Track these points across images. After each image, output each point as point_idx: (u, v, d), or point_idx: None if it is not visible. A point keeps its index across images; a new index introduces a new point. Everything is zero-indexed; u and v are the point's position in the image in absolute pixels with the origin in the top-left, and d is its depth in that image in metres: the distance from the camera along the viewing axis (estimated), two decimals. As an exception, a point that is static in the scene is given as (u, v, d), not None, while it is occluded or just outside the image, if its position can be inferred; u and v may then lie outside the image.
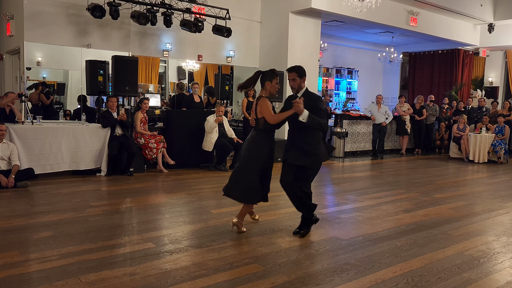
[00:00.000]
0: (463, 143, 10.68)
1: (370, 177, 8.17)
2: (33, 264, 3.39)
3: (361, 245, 4.07)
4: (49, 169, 6.71)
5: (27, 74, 7.92)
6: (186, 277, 3.21)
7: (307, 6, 9.32)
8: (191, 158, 8.18)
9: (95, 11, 7.31)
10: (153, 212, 5.07)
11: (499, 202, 6.13)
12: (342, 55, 15.12)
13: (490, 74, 14.86)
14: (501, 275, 3.47)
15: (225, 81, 9.43)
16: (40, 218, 4.65)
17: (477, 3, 12.26)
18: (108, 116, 7.23)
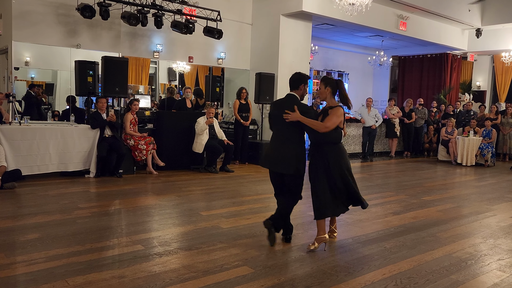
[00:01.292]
0: (451, 146, 10.80)
1: (360, 179, 8.20)
2: (19, 266, 3.34)
3: (350, 247, 4.08)
4: (37, 171, 6.63)
5: (15, 74, 7.82)
6: (175, 280, 3.19)
7: (298, 9, 9.36)
8: (181, 159, 8.14)
9: (85, 11, 7.24)
10: (142, 214, 5.03)
11: (486, 205, 6.21)
12: (333, 58, 15.20)
13: (477, 78, 15.07)
14: (488, 277, 3.51)
15: (216, 83, 9.42)
16: (27, 220, 4.59)
17: (465, 8, 12.42)
18: (97, 117, 7.17)
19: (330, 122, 3.80)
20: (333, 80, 4.04)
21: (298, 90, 4.05)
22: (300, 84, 4.04)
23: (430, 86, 14.70)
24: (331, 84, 3.98)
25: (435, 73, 14.60)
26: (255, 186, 6.95)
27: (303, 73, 4.13)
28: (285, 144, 3.97)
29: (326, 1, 9.41)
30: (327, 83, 4.00)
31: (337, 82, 4.02)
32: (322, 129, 3.81)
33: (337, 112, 3.87)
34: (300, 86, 4.04)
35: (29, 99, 8.69)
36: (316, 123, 3.84)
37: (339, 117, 3.85)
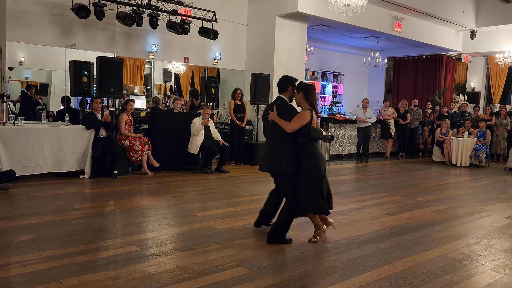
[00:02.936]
0: (445, 147, 10.85)
1: (355, 180, 8.24)
2: (13, 268, 3.32)
3: (345, 248, 4.09)
4: (31, 171, 6.58)
5: (9, 74, 7.78)
6: (170, 281, 3.18)
7: (293, 10, 9.37)
8: (176, 160, 8.13)
9: (80, 11, 7.21)
10: (137, 215, 5.02)
11: (481, 205, 6.24)
12: (328, 59, 15.23)
13: (472, 79, 15.16)
14: (482, 277, 3.53)
15: (212, 84, 9.41)
16: (21, 221, 4.56)
17: (459, 10, 12.50)
18: (92, 118, 7.15)
19: (293, 124, 4.00)
20: (306, 85, 4.22)
21: (287, 92, 4.23)
22: (288, 86, 4.23)
23: (425, 87, 14.77)
24: (303, 89, 4.18)
25: (430, 74, 14.66)
26: (251, 187, 6.95)
27: (290, 76, 4.31)
28: (271, 144, 4.18)
29: (322, 2, 9.43)
30: (299, 88, 4.20)
31: (309, 88, 4.19)
32: (287, 130, 4.02)
33: (301, 114, 4.04)
34: (288, 89, 4.23)
35: (26, 100, 8.64)
36: (284, 123, 4.03)
37: (302, 118, 4.01)
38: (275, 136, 4.13)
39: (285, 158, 4.05)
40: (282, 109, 4.10)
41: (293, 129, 3.99)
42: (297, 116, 4.03)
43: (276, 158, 4.05)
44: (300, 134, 4.03)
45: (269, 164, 4.13)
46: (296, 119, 4.00)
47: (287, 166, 4.05)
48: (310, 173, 4.04)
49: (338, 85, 15.71)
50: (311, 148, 4.10)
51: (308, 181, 4.04)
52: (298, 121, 3.99)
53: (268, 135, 4.27)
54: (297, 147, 4.09)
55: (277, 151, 4.08)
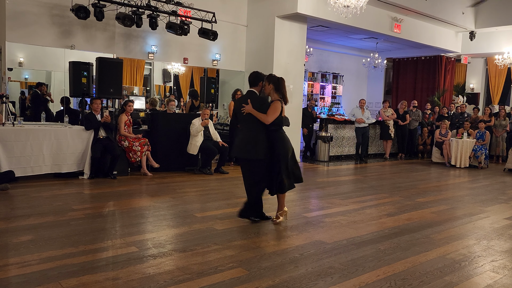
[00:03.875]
0: (445, 148, 10.86)
1: (354, 181, 8.24)
2: (12, 268, 3.32)
3: (345, 248, 4.09)
4: (30, 172, 6.58)
5: (9, 75, 7.78)
6: (169, 282, 3.18)
7: (293, 11, 9.38)
8: (175, 161, 8.12)
9: (79, 12, 7.21)
10: (136, 216, 5.01)
11: (480, 206, 6.24)
12: (328, 60, 15.25)
13: (471, 80, 15.18)
14: (482, 278, 3.53)
15: (211, 84, 9.41)
16: (20, 221, 4.55)
17: (459, 11, 12.52)
18: (91, 118, 7.14)
19: (269, 116, 4.50)
20: (276, 78, 4.66)
21: (257, 86, 4.70)
22: (259, 81, 4.70)
23: (424, 88, 14.78)
24: (273, 82, 4.62)
25: (429, 75, 14.68)
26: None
27: (259, 72, 4.78)
28: (248, 133, 4.62)
29: (321, 3, 9.44)
30: (270, 80, 4.64)
31: (279, 80, 4.64)
32: (265, 121, 4.51)
33: (274, 106, 4.53)
34: (259, 83, 4.70)
35: (37, 99, 8.62)
36: (262, 115, 4.50)
37: (276, 110, 4.51)
38: (251, 126, 4.58)
39: (261, 146, 4.54)
40: (257, 102, 4.57)
41: (271, 120, 4.49)
42: (271, 109, 4.51)
43: (254, 146, 4.53)
44: (273, 123, 4.53)
45: (246, 151, 4.58)
46: (272, 112, 4.50)
47: (262, 152, 4.54)
48: (281, 156, 4.55)
49: (338, 86, 15.72)
50: (281, 135, 4.64)
51: (279, 164, 4.55)
52: (273, 113, 4.50)
53: (243, 126, 4.70)
54: (269, 134, 4.59)
55: (254, 140, 4.55)
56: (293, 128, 10.26)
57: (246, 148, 4.58)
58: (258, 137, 4.55)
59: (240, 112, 4.64)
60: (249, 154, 4.56)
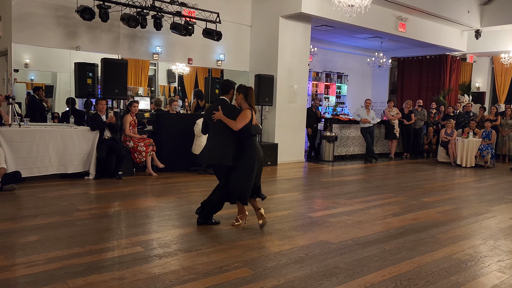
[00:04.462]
0: (450, 148, 10.81)
1: (359, 181, 8.22)
2: (19, 268, 3.34)
3: (350, 248, 4.08)
4: (37, 172, 6.62)
5: (15, 76, 7.83)
6: (175, 281, 3.19)
7: (297, 11, 9.37)
8: (180, 161, 8.14)
9: (85, 13, 7.25)
10: (142, 216, 5.03)
11: (486, 206, 6.21)
12: (332, 59, 15.21)
13: (477, 79, 15.09)
14: (488, 279, 3.51)
15: (215, 85, 9.39)
16: (27, 222, 4.58)
17: (464, 10, 12.45)
18: (97, 119, 7.17)
19: (238, 123, 4.52)
20: (246, 87, 4.73)
21: (228, 94, 4.76)
22: (230, 89, 4.78)
23: (430, 87, 14.72)
24: (243, 91, 4.69)
25: (434, 74, 14.61)
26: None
27: (230, 80, 4.91)
28: (216, 140, 4.66)
29: (325, 3, 9.42)
30: (240, 91, 4.71)
31: (248, 90, 4.71)
32: (234, 128, 4.53)
33: (244, 114, 4.58)
34: (230, 91, 4.78)
35: (33, 103, 8.65)
36: (231, 122, 4.53)
37: (245, 118, 4.55)
38: (220, 133, 4.62)
39: (228, 152, 4.57)
40: (228, 110, 4.60)
41: (239, 127, 4.53)
42: (240, 116, 4.55)
43: (220, 152, 4.58)
44: (243, 130, 4.57)
45: (213, 157, 4.63)
46: (241, 119, 4.54)
47: (228, 159, 4.56)
48: (246, 166, 4.57)
49: (342, 85, 15.69)
50: (251, 143, 4.66)
51: (242, 173, 4.56)
52: (242, 120, 4.53)
53: (212, 132, 4.72)
54: (239, 142, 4.63)
55: (222, 146, 4.59)
56: (297, 128, 10.31)
57: (214, 155, 4.62)
58: (227, 144, 4.59)
59: (211, 120, 4.64)
60: (217, 161, 4.60)
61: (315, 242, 4.25)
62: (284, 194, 6.59)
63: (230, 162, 4.57)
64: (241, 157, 4.59)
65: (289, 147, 10.06)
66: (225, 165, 4.57)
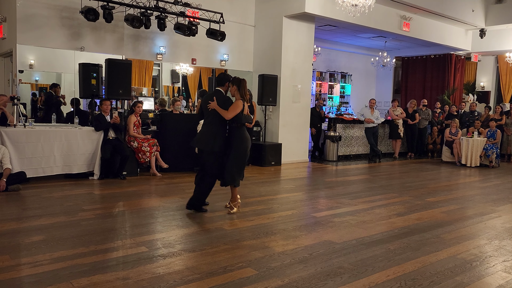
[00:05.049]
0: (455, 147, 10.76)
1: (363, 180, 8.20)
2: (24, 268, 3.36)
3: (354, 248, 4.07)
4: (41, 173, 6.66)
5: (20, 77, 7.87)
6: (179, 281, 3.19)
7: (300, 11, 9.36)
8: (184, 161, 8.15)
9: (89, 14, 7.27)
10: (146, 216, 5.05)
11: (491, 206, 6.18)
12: (336, 59, 15.19)
13: (481, 78, 15.02)
14: (493, 279, 3.49)
15: (219, 85, 9.40)
16: (32, 222, 4.61)
17: (468, 9, 12.39)
18: (101, 119, 7.20)
19: (229, 113, 4.93)
20: (239, 79, 5.09)
21: (224, 86, 5.14)
22: (225, 82, 5.13)
23: (434, 87, 14.67)
24: (237, 83, 5.06)
25: (438, 74, 14.56)
26: (258, 188, 6.95)
27: (227, 73, 5.34)
28: (209, 127, 5.06)
29: (329, 3, 9.41)
30: (233, 82, 5.08)
31: (241, 82, 5.08)
32: (226, 117, 4.95)
33: (235, 104, 4.97)
34: (225, 84, 5.13)
35: (50, 100, 8.68)
36: (223, 112, 4.93)
37: (236, 108, 4.94)
38: (213, 121, 5.02)
39: (219, 140, 4.98)
40: (221, 100, 5.00)
41: (230, 117, 4.92)
42: (232, 106, 4.95)
43: (211, 139, 4.97)
44: (234, 120, 4.97)
45: (204, 143, 5.01)
46: (232, 109, 4.93)
47: (219, 145, 4.98)
48: (238, 152, 5.01)
49: (346, 85, 15.66)
50: (241, 132, 5.06)
51: (235, 159, 5.00)
52: (233, 110, 4.93)
53: (207, 120, 5.12)
54: (230, 130, 5.06)
55: (214, 133, 4.99)
56: (301, 127, 10.30)
57: (204, 140, 5.01)
58: (218, 131, 5.01)
59: (206, 108, 5.05)
60: (206, 146, 4.99)
61: (319, 242, 4.24)
62: (288, 194, 6.59)
63: (218, 148, 4.98)
64: (233, 144, 5.00)
65: (293, 147, 10.05)
66: (215, 151, 4.97)
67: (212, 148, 4.96)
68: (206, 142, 5.00)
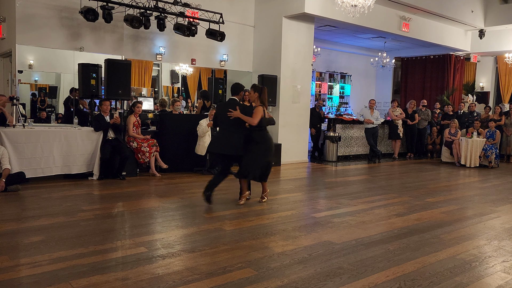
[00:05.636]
0: (454, 148, 10.77)
1: (363, 181, 8.20)
2: (23, 269, 3.35)
3: (354, 249, 4.07)
4: (41, 173, 6.65)
5: (19, 77, 7.86)
6: (178, 282, 3.19)
7: (300, 11, 9.36)
8: (184, 162, 8.15)
9: (88, 14, 7.27)
10: (145, 216, 5.04)
11: (490, 206, 6.18)
12: (335, 59, 15.19)
13: (481, 79, 15.03)
14: (493, 279, 3.49)
15: (219, 85, 9.43)
16: (31, 222, 4.60)
17: (468, 9, 12.40)
18: (100, 120, 7.19)
19: (255, 119, 5.47)
20: (260, 87, 5.64)
21: (238, 95, 5.65)
22: (240, 91, 5.67)
23: (433, 87, 14.67)
24: (258, 91, 5.59)
25: (438, 74, 14.57)
26: (258, 188, 6.92)
27: (240, 83, 5.75)
28: (229, 134, 5.53)
29: (329, 3, 9.41)
30: (255, 90, 5.61)
31: (262, 89, 5.62)
32: (252, 123, 5.47)
33: (257, 110, 5.51)
34: (240, 93, 5.67)
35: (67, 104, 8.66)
36: (249, 119, 5.45)
37: (259, 113, 5.48)
38: (232, 128, 5.49)
39: (240, 144, 5.49)
40: (242, 109, 5.45)
41: (256, 122, 5.45)
42: (256, 113, 5.48)
43: (237, 144, 5.47)
44: (258, 124, 5.47)
45: (232, 149, 5.48)
46: (256, 115, 5.47)
47: (240, 149, 5.50)
48: (262, 153, 5.57)
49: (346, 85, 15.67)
50: (264, 133, 5.64)
51: (261, 158, 5.55)
52: (258, 116, 5.47)
53: (224, 126, 5.64)
54: (254, 133, 5.54)
55: (237, 139, 5.48)
56: (301, 128, 10.30)
57: (230, 146, 5.48)
58: (239, 137, 5.50)
59: (222, 116, 5.54)
60: (235, 151, 5.49)
61: (319, 242, 4.24)
62: (287, 194, 6.58)
63: (241, 152, 5.48)
64: (255, 144, 5.51)
65: (292, 147, 10.05)
66: (238, 154, 5.48)
67: (237, 152, 5.48)
68: (232, 148, 5.47)
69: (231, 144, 5.49)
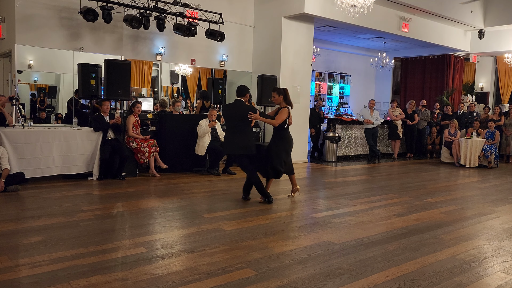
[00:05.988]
0: (454, 148, 10.77)
1: (363, 181, 8.20)
2: (23, 269, 3.35)
3: (353, 249, 4.07)
4: (40, 173, 6.64)
5: (19, 77, 7.86)
6: (178, 282, 3.19)
7: (300, 11, 9.36)
8: (183, 162, 8.15)
9: (88, 14, 7.27)
10: (145, 217, 5.04)
11: (490, 207, 6.18)
12: (335, 60, 15.20)
13: (480, 79, 15.04)
14: (492, 279, 3.49)
15: (218, 85, 9.42)
16: (31, 222, 4.60)
17: (467, 10, 12.40)
18: (100, 120, 7.19)
19: (278, 120, 5.77)
20: (282, 89, 5.93)
21: (245, 97, 5.80)
22: (246, 93, 5.82)
23: (433, 87, 14.68)
24: (283, 93, 5.88)
25: (437, 74, 14.58)
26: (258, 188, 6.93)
27: (246, 86, 5.90)
28: (239, 134, 5.70)
29: (328, 3, 9.42)
30: (279, 92, 5.88)
31: (285, 91, 5.92)
32: (275, 124, 5.79)
33: (283, 111, 5.80)
34: (246, 95, 5.81)
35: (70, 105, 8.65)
36: (271, 120, 5.83)
37: (283, 115, 5.77)
38: (241, 128, 5.69)
39: (252, 144, 5.76)
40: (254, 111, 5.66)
41: (278, 123, 5.75)
42: (281, 114, 5.77)
43: (249, 144, 5.69)
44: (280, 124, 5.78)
45: (245, 149, 5.68)
46: (280, 117, 5.76)
47: (253, 149, 5.75)
48: (283, 151, 5.85)
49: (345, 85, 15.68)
50: (286, 133, 5.89)
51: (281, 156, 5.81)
52: (281, 117, 5.77)
53: (234, 128, 5.74)
54: (277, 132, 5.85)
55: (247, 139, 5.72)
56: (300, 128, 10.30)
57: (244, 146, 5.66)
58: (249, 137, 5.79)
59: (230, 117, 5.77)
60: (248, 151, 5.70)
61: (318, 242, 4.24)
62: (287, 194, 6.59)
63: (254, 151, 5.74)
64: (280, 144, 5.82)
65: (292, 147, 10.04)
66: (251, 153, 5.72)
67: (250, 152, 5.70)
68: (246, 148, 5.69)
69: (243, 144, 5.68)
